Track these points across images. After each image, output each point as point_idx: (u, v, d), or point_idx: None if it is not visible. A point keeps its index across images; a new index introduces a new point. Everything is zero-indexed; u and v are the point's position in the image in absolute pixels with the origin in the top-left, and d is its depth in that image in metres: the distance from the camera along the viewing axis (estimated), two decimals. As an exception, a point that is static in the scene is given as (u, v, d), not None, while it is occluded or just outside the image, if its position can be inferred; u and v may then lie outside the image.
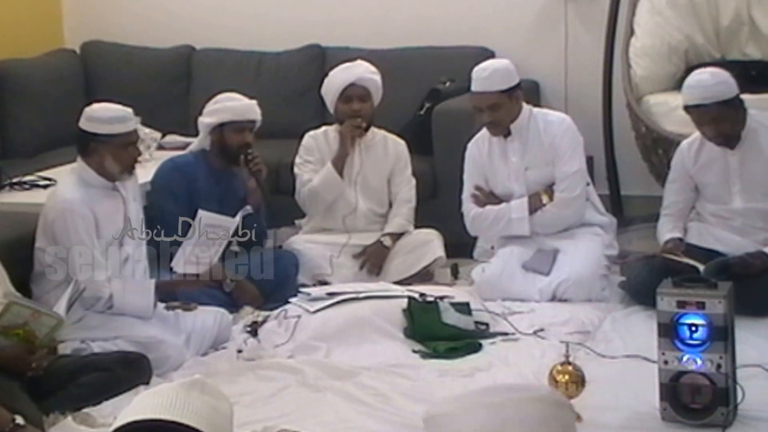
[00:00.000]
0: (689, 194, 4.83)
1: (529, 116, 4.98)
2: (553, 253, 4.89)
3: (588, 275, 4.77)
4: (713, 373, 3.41)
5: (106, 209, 4.20)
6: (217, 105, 4.95)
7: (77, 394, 3.78)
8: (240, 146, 4.90)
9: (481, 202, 5.03)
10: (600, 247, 4.92)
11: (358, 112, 5.16)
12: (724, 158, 4.67)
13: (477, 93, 4.90)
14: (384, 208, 5.30)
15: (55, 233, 4.12)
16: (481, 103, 4.90)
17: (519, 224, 4.94)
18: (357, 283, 4.90)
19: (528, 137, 4.96)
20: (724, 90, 4.53)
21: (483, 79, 4.88)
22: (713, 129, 4.55)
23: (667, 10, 5.77)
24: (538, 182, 4.98)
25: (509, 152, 4.99)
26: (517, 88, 4.93)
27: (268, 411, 3.73)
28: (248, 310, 4.71)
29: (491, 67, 4.93)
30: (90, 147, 4.19)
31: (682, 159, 4.81)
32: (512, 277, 4.84)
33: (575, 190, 4.93)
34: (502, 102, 4.87)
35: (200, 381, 1.84)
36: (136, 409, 1.79)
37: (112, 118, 4.18)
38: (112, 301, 4.13)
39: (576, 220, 4.98)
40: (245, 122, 4.92)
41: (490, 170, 5.05)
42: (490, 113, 4.88)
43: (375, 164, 5.27)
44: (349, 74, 5.20)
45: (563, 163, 4.93)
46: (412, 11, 6.49)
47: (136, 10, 6.97)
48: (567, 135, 4.96)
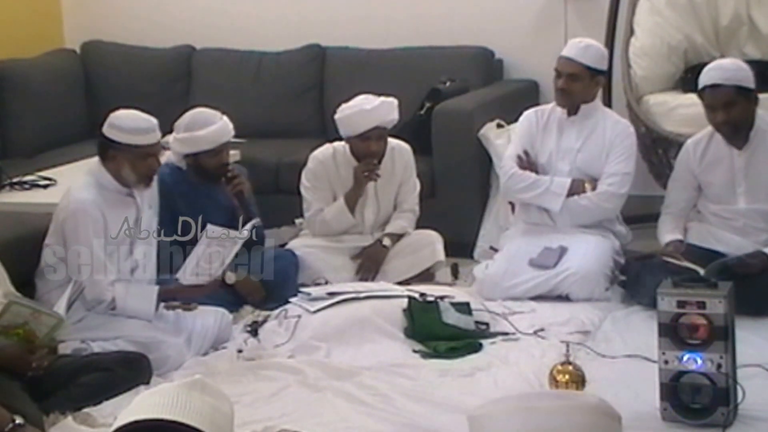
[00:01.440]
0: (692, 193, 4.82)
1: (599, 108, 5.06)
2: (560, 251, 4.88)
3: (595, 271, 4.75)
4: (713, 373, 3.41)
5: (118, 214, 4.18)
6: (186, 135, 4.74)
7: (77, 394, 3.77)
8: (218, 167, 4.79)
9: (523, 166, 5.02)
10: (610, 248, 4.91)
11: (376, 153, 5.03)
12: (731, 158, 4.67)
13: (565, 57, 4.94)
14: (388, 216, 5.23)
15: (65, 232, 4.12)
16: (565, 68, 4.92)
17: (554, 199, 4.92)
18: (357, 282, 4.90)
19: (590, 123, 4.98)
20: (742, 76, 4.56)
21: (578, 47, 4.94)
22: (724, 114, 4.53)
23: (666, 10, 5.77)
24: (583, 169, 4.97)
25: (566, 130, 5.00)
26: (601, 75, 5.00)
27: (268, 411, 3.73)
28: (248, 309, 4.71)
29: (589, 41, 5.00)
30: (109, 153, 4.17)
31: (687, 158, 4.80)
32: (516, 275, 4.82)
33: (621, 188, 4.94)
34: (582, 76, 4.91)
35: (201, 381, 1.84)
36: (137, 409, 1.79)
37: (133, 128, 4.15)
38: (114, 304, 4.13)
39: (606, 217, 4.98)
40: (219, 146, 4.76)
41: (541, 141, 5.04)
42: (567, 80, 4.91)
43: (386, 186, 5.16)
44: (372, 118, 4.96)
45: (618, 161, 4.94)
46: (412, 11, 6.49)
47: (136, 10, 6.97)
48: (629, 139, 4.99)
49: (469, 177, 5.61)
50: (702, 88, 4.60)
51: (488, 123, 5.66)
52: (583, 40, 5.00)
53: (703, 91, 4.60)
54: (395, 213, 5.23)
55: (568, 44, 5.01)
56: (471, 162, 5.60)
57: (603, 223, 4.99)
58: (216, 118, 4.78)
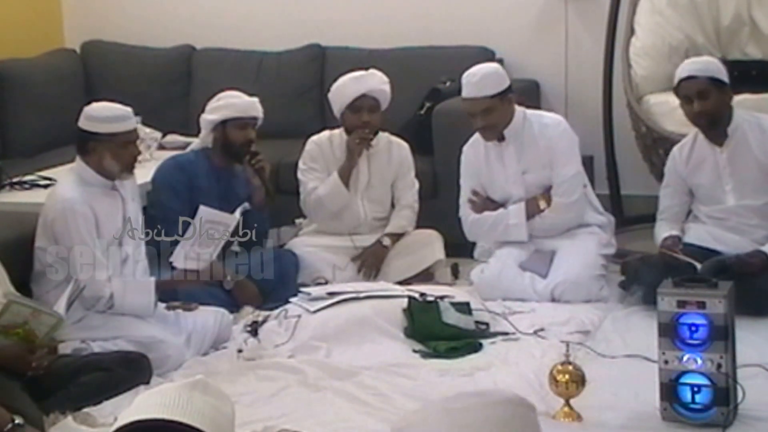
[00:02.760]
0: (684, 198, 4.84)
1: (523, 119, 4.95)
2: (551, 254, 4.89)
3: (584, 277, 4.77)
4: (713, 373, 3.41)
5: (106, 208, 4.20)
6: (219, 102, 4.95)
7: (77, 394, 3.77)
8: (243, 143, 4.91)
9: (479, 208, 5.02)
10: (596, 247, 4.91)
11: (367, 123, 5.11)
12: (714, 157, 4.71)
13: (468, 98, 4.88)
14: (386, 212, 5.29)
15: (56, 233, 4.11)
16: (473, 108, 4.87)
17: (516, 230, 4.93)
18: (357, 282, 4.90)
19: (523, 141, 4.94)
20: (715, 69, 4.64)
21: (473, 84, 4.85)
22: (699, 105, 4.58)
23: (667, 9, 5.77)
24: (536, 185, 4.97)
25: (505, 157, 4.97)
26: (508, 92, 4.89)
27: (268, 411, 3.73)
28: (248, 309, 4.71)
29: (481, 72, 4.88)
30: (89, 146, 4.19)
31: (675, 163, 4.84)
32: (511, 278, 4.84)
33: (573, 194, 4.92)
34: (494, 106, 4.84)
35: (203, 381, 1.84)
36: (139, 409, 1.79)
37: (110, 117, 4.18)
38: (112, 300, 4.13)
39: (575, 223, 4.97)
40: (248, 119, 4.93)
41: (487, 175, 5.03)
42: (482, 118, 4.86)
43: (380, 172, 5.24)
44: (360, 85, 5.11)
45: (560, 166, 4.91)
46: (412, 11, 6.49)
47: (137, 10, 6.97)
48: (563, 138, 4.94)
49: (470, 177, 5.61)
50: (677, 82, 4.66)
51: (488, 123, 5.65)
52: (475, 74, 4.86)
53: (679, 84, 4.66)
54: (394, 211, 5.25)
55: (464, 84, 4.87)
56: (471, 162, 5.59)
57: (583, 221, 4.99)
58: (247, 96, 5.00)
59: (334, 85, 5.22)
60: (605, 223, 5.07)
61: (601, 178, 5.97)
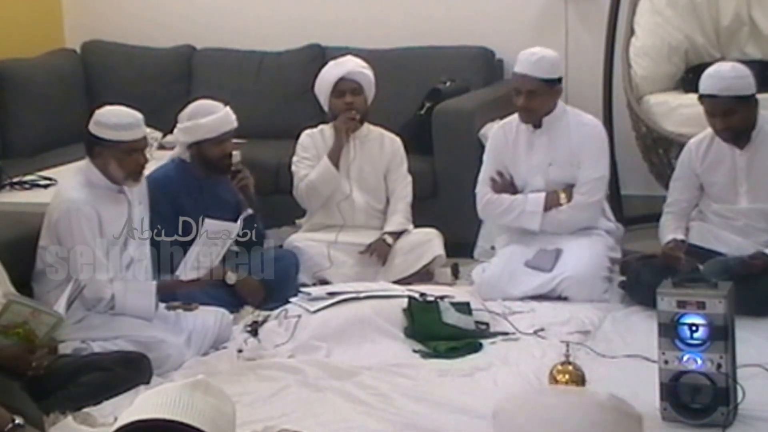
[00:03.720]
0: (693, 192, 4.82)
1: (563, 113, 4.98)
2: (556, 252, 4.88)
3: (591, 274, 4.76)
4: (713, 373, 3.41)
5: (111, 210, 4.19)
6: (189, 123, 4.77)
7: (77, 394, 3.78)
8: (221, 157, 4.80)
9: (498, 188, 5.01)
10: (604, 248, 4.91)
11: (351, 105, 5.17)
12: (733, 158, 4.66)
13: (520, 74, 4.88)
14: (381, 203, 5.30)
15: (59, 232, 4.12)
16: (522, 85, 4.88)
17: (531, 218, 4.92)
18: (357, 282, 4.90)
19: (557, 134, 4.95)
20: (740, 85, 4.51)
21: (530, 62, 4.87)
22: (723, 122, 4.53)
23: (667, 10, 5.77)
24: (558, 180, 4.96)
25: (536, 144, 4.97)
26: (558, 83, 4.93)
27: (268, 411, 3.73)
28: (249, 309, 4.71)
29: (541, 53, 4.91)
30: (95, 150, 4.18)
31: (690, 157, 4.78)
32: (513, 277, 4.83)
33: (595, 195, 4.92)
34: (541, 90, 4.86)
35: (204, 381, 1.84)
36: (140, 409, 1.78)
37: (117, 124, 4.15)
38: (113, 302, 4.13)
39: (588, 224, 4.96)
40: (222, 135, 4.78)
41: (512, 159, 5.02)
42: (526, 98, 4.87)
43: (371, 159, 5.27)
44: (339, 69, 5.23)
45: (588, 167, 4.92)
46: (412, 11, 6.49)
47: (137, 10, 6.97)
48: (597, 140, 4.97)
49: (470, 177, 5.59)
50: (700, 95, 4.59)
51: (488, 123, 5.65)
52: (534, 53, 4.89)
53: (701, 97, 4.59)
54: (390, 207, 5.27)
55: (520, 59, 4.90)
56: (471, 162, 5.58)
57: (593, 224, 4.99)
58: (218, 107, 4.82)
59: (317, 79, 5.31)
60: (613, 229, 5.07)
61: (601, 178, 5.96)
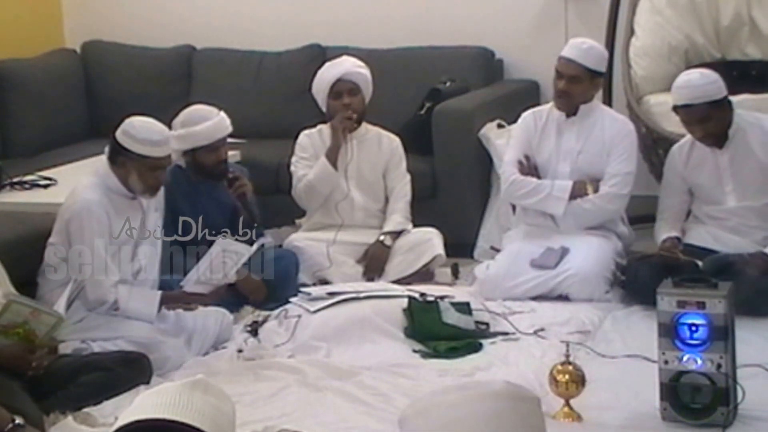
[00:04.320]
0: (683, 197, 4.84)
1: (598, 107, 5.05)
2: (562, 251, 4.88)
3: (595, 273, 4.76)
4: (713, 373, 3.41)
5: (123, 216, 4.18)
6: (183, 131, 4.74)
7: (77, 394, 3.78)
8: (216, 164, 4.80)
9: (524, 171, 5.02)
10: (611, 251, 4.91)
11: (349, 105, 5.17)
12: (714, 158, 4.70)
13: (566, 59, 4.91)
14: (380, 203, 5.29)
15: (70, 231, 4.12)
16: (567, 70, 4.90)
17: (556, 203, 4.92)
18: (357, 282, 4.90)
19: (590, 123, 4.97)
20: (712, 90, 4.57)
21: (580, 49, 4.91)
22: (701, 129, 4.59)
23: (667, 9, 5.77)
24: (585, 170, 4.96)
25: (566, 132, 4.99)
26: (601, 77, 4.99)
27: (268, 411, 3.73)
28: (249, 309, 4.71)
29: (591, 43, 4.98)
30: (119, 159, 4.16)
31: (674, 162, 4.83)
32: (517, 275, 4.82)
33: (624, 188, 4.93)
34: (583, 79, 4.90)
35: (203, 381, 1.83)
36: (140, 409, 1.78)
37: (146, 140, 4.13)
38: (116, 305, 4.13)
39: (610, 217, 4.97)
40: (216, 142, 4.78)
41: (539, 145, 5.03)
42: (567, 83, 4.89)
43: (369, 158, 5.26)
44: (336, 70, 5.22)
45: (619, 161, 4.93)
46: (412, 11, 6.49)
47: (137, 10, 6.97)
48: (629, 137, 4.99)
49: (470, 177, 5.62)
50: (674, 106, 4.64)
51: (488, 123, 5.66)
52: (585, 41, 4.98)
53: (675, 108, 4.65)
54: (389, 206, 5.26)
55: (570, 45, 4.98)
56: (471, 162, 5.60)
57: (606, 224, 4.99)
58: (212, 114, 4.79)
59: (314, 80, 5.29)
60: (626, 235, 5.07)
61: (601, 178, 5.96)
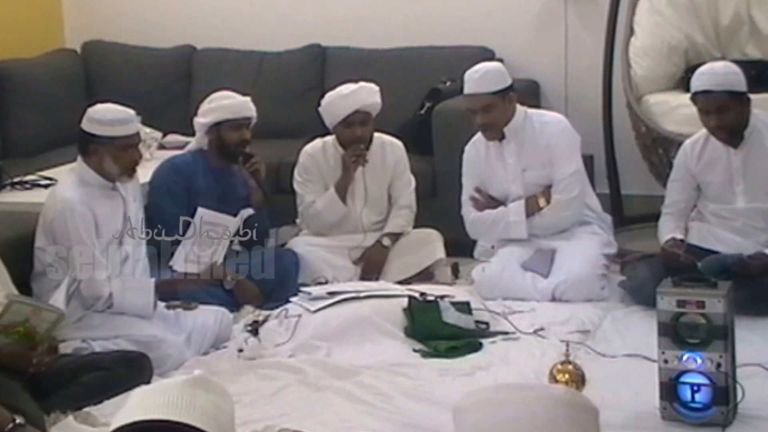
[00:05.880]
0: (691, 193, 4.82)
1: (524, 118, 4.97)
2: (552, 253, 4.89)
3: (586, 275, 4.77)
4: (713, 373, 3.41)
5: (106, 209, 4.21)
6: (212, 104, 4.95)
7: (78, 393, 3.78)
8: (238, 143, 4.91)
9: (480, 206, 5.03)
10: (598, 247, 4.92)
11: (360, 138, 5.10)
12: (728, 157, 4.67)
13: (470, 95, 4.90)
14: (384, 213, 5.27)
15: (55, 232, 4.13)
16: (474, 104, 4.89)
17: (516, 228, 4.94)
18: (358, 282, 4.90)
19: (524, 139, 4.95)
20: (734, 81, 4.53)
21: (475, 80, 4.87)
22: (717, 119, 4.53)
23: (667, 9, 5.77)
24: (536, 183, 4.98)
25: (505, 154, 4.98)
26: (509, 90, 4.91)
27: (268, 410, 3.73)
28: (249, 309, 4.72)
29: (483, 68, 4.92)
30: (90, 148, 4.20)
31: (685, 158, 4.79)
32: (512, 277, 4.84)
33: (573, 190, 4.93)
34: (495, 103, 4.87)
35: (204, 378, 1.81)
36: (141, 408, 1.75)
37: (112, 120, 4.18)
38: (111, 300, 4.14)
39: (575, 220, 4.98)
40: (241, 119, 4.92)
41: (487, 172, 5.04)
42: (483, 115, 4.88)
43: (374, 176, 5.20)
44: (351, 102, 5.06)
45: (561, 164, 4.92)
46: (412, 11, 6.50)
47: (137, 10, 6.98)
48: (564, 136, 4.96)
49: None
50: (694, 92, 4.59)
51: (488, 123, 5.66)
52: (477, 70, 4.89)
53: (695, 95, 4.59)
54: (392, 211, 5.25)
55: (466, 81, 4.88)
56: (471, 162, 5.60)
57: (583, 219, 5.00)
58: (239, 96, 4.99)
59: (325, 99, 5.15)
60: (606, 219, 5.08)
61: (601, 178, 5.97)
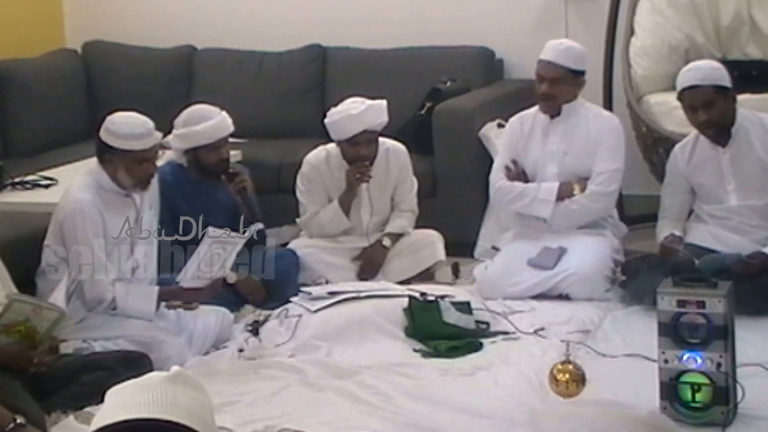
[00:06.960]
0: (685, 196, 4.84)
1: (582, 105, 5.02)
2: (559, 251, 4.88)
3: (594, 272, 4.77)
4: (713, 372, 3.42)
5: (117, 214, 4.19)
6: (184, 130, 4.78)
7: (79, 393, 3.78)
8: (217, 162, 4.81)
9: (512, 175, 5.03)
10: (609, 249, 4.92)
11: (366, 157, 5.05)
12: (717, 157, 4.70)
13: (546, 61, 4.93)
14: (386, 217, 5.24)
15: (64, 232, 4.13)
16: (547, 72, 4.92)
17: (543, 206, 4.92)
18: (358, 282, 4.90)
19: (575, 123, 4.97)
20: (718, 75, 4.60)
21: (558, 50, 4.92)
22: (704, 114, 4.56)
23: (667, 9, 5.77)
24: (572, 171, 4.97)
25: (551, 134, 4.99)
26: (582, 76, 4.96)
27: (269, 410, 3.73)
28: (249, 309, 4.72)
29: (569, 43, 5.00)
30: (105, 156, 4.18)
31: (676, 161, 4.83)
32: (515, 275, 4.83)
33: (611, 186, 4.94)
34: (564, 79, 4.91)
35: (182, 374, 1.82)
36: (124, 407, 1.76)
37: (128, 134, 4.14)
38: (114, 303, 4.14)
39: (599, 216, 4.98)
40: (217, 141, 4.79)
41: (526, 148, 5.04)
42: (549, 85, 4.91)
43: (378, 186, 5.16)
44: (358, 123, 4.96)
45: (605, 158, 4.94)
46: (412, 11, 6.50)
47: (138, 10, 6.98)
48: (614, 133, 4.99)
49: (470, 177, 5.62)
50: (680, 90, 4.63)
51: (489, 123, 5.67)
52: (562, 42, 4.99)
53: (682, 93, 4.63)
54: (394, 213, 5.24)
55: (547, 47, 4.96)
56: (471, 162, 5.61)
57: (599, 222, 5.00)
58: (214, 113, 4.81)
59: (332, 114, 5.04)
60: (620, 228, 5.10)
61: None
